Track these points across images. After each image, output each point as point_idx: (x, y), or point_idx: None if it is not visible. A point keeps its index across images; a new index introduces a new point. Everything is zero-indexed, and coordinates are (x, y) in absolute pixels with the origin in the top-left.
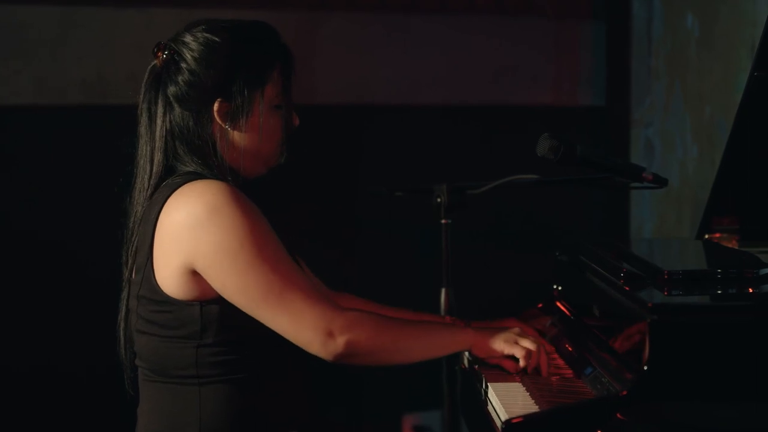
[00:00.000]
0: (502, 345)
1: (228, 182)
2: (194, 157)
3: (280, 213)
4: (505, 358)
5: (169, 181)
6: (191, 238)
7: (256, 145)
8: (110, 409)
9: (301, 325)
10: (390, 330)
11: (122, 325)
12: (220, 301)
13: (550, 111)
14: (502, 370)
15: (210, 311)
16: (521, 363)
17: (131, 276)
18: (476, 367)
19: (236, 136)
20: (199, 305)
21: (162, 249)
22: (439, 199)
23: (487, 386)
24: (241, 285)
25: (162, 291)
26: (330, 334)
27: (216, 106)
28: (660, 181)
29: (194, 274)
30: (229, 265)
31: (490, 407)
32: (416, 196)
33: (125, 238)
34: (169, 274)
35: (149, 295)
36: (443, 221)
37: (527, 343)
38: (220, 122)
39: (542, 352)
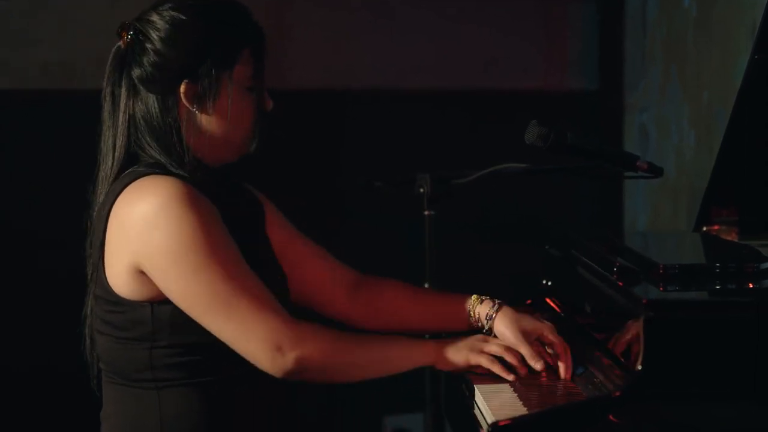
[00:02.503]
0: (466, 356)
1: (185, 177)
2: (156, 144)
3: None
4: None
5: (128, 171)
6: (138, 237)
7: (224, 129)
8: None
9: (248, 337)
10: (345, 346)
11: (87, 321)
12: (172, 301)
13: (540, 96)
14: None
15: (162, 312)
16: (497, 371)
17: (91, 273)
18: None
19: (203, 119)
20: (150, 306)
21: (112, 247)
22: (422, 190)
23: (472, 387)
24: (185, 290)
25: (113, 290)
26: (278, 349)
27: (182, 88)
28: (655, 171)
29: (142, 275)
30: (174, 269)
31: (475, 409)
32: (398, 186)
33: (88, 230)
34: (118, 273)
35: (102, 294)
36: (426, 213)
37: (494, 348)
38: (186, 105)
39: (513, 353)
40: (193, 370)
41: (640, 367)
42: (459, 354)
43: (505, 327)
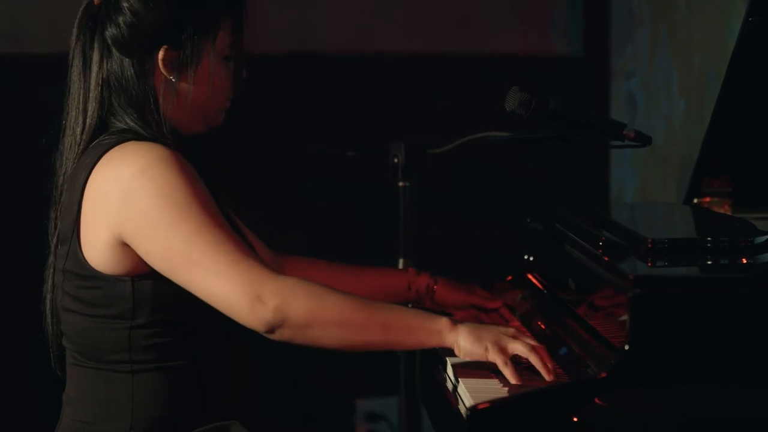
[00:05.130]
0: (485, 348)
1: (164, 142)
2: (131, 111)
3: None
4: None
5: (100, 139)
6: (119, 205)
7: (204, 99)
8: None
9: (226, 287)
10: (334, 303)
11: (48, 296)
12: (153, 275)
13: (520, 60)
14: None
15: (143, 287)
16: (509, 376)
17: (58, 245)
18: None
19: (182, 88)
20: (130, 280)
21: (89, 219)
22: (396, 160)
23: (450, 369)
24: (164, 247)
25: (89, 265)
26: (258, 298)
27: (161, 54)
28: (643, 139)
29: (124, 246)
30: (154, 227)
31: (453, 392)
32: (370, 156)
33: (53, 198)
34: (96, 245)
35: (75, 269)
36: (401, 184)
37: (520, 348)
38: (164, 73)
39: (539, 355)
40: (168, 353)
41: (627, 347)
42: (479, 344)
43: (447, 289)
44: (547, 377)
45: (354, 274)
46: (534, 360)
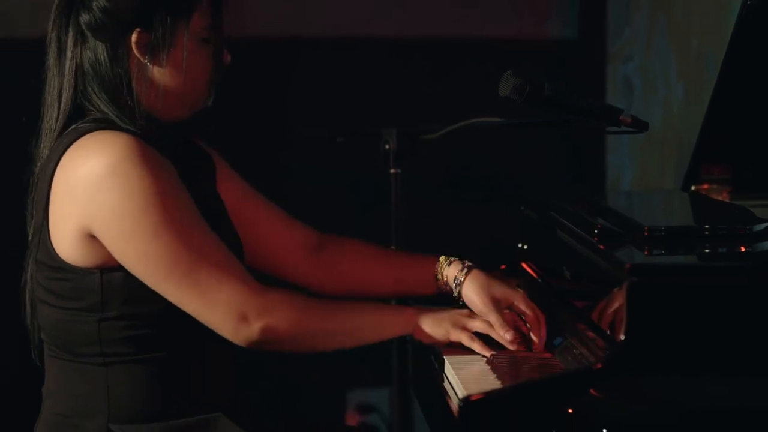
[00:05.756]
0: (446, 330)
1: (137, 133)
2: (104, 96)
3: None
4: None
5: (73, 127)
6: (88, 198)
7: (179, 83)
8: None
9: (210, 305)
10: (316, 314)
11: (27, 287)
12: (123, 269)
13: (514, 44)
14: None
15: (112, 280)
16: (477, 349)
17: (33, 235)
18: None
19: (156, 72)
20: (99, 273)
21: (57, 209)
22: (387, 146)
23: (442, 360)
24: (142, 254)
25: (58, 256)
26: (243, 318)
27: (134, 37)
28: (639, 125)
29: (93, 239)
30: (130, 231)
31: (446, 384)
32: (361, 142)
33: (30, 187)
34: (65, 237)
35: (45, 260)
36: (392, 171)
37: (479, 326)
38: (138, 56)
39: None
40: (142, 345)
41: (623, 338)
42: (439, 327)
43: (474, 293)
44: (510, 347)
45: (385, 260)
46: (495, 335)
